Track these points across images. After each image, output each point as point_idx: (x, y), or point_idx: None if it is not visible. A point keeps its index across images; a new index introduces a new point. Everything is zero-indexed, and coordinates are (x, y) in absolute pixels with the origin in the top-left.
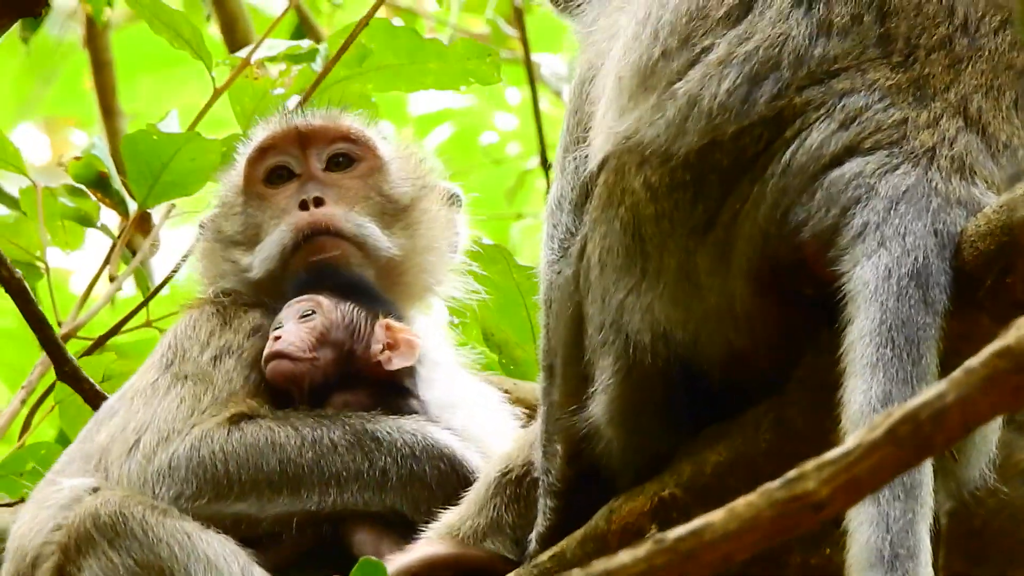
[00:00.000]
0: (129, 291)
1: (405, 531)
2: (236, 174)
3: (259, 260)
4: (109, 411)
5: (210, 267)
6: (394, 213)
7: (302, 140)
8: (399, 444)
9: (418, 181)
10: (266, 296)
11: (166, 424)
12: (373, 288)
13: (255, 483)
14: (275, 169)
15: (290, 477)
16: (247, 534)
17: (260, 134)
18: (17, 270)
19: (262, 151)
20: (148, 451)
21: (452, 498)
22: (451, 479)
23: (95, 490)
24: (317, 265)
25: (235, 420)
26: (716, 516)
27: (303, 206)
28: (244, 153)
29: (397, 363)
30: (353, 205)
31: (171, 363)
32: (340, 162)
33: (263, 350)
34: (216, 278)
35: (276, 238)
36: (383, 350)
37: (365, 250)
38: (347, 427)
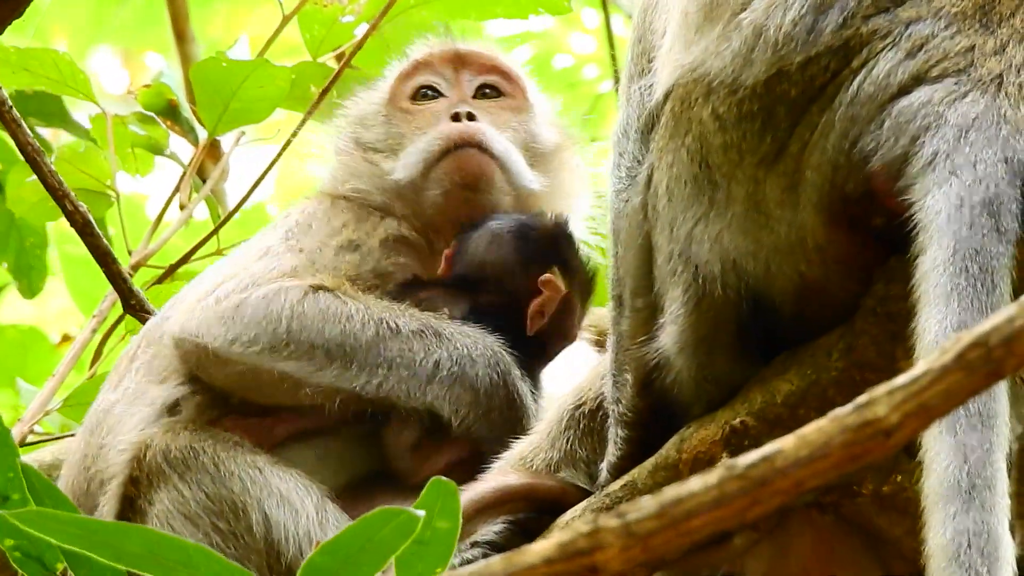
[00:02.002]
0: (200, 218)
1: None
2: (382, 87)
3: (403, 164)
4: (221, 264)
5: (346, 169)
6: (538, 154)
7: (457, 62)
8: (459, 343)
9: (563, 131)
10: (400, 205)
11: (251, 277)
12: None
13: (312, 347)
14: (424, 87)
15: (346, 350)
16: (287, 397)
17: (415, 51)
18: (82, 204)
19: (415, 67)
20: (222, 295)
21: (494, 412)
22: (499, 392)
23: (172, 409)
24: (460, 182)
25: (316, 288)
26: (787, 442)
27: (455, 118)
28: (396, 68)
29: (535, 325)
30: (502, 129)
31: (291, 236)
32: (488, 93)
33: (390, 261)
34: (351, 178)
35: (424, 144)
36: (539, 310)
37: (508, 174)
38: (416, 318)
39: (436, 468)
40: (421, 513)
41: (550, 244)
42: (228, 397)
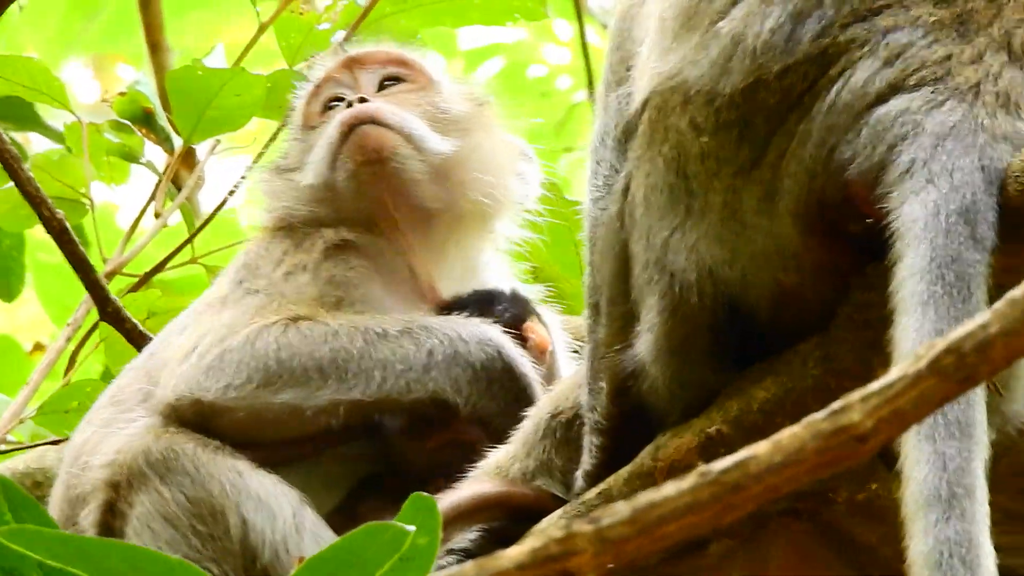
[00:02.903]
0: (175, 226)
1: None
2: (295, 117)
3: (311, 166)
4: (179, 326)
5: (271, 197)
6: (446, 121)
7: (352, 65)
8: (448, 329)
9: (473, 100)
10: (325, 210)
11: (226, 328)
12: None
13: (305, 370)
14: (330, 100)
15: (339, 364)
16: (291, 428)
17: (314, 72)
18: (59, 211)
19: (317, 88)
20: (203, 351)
21: (495, 385)
22: (496, 365)
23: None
24: (363, 159)
25: (294, 319)
26: (761, 448)
27: (348, 106)
28: (302, 93)
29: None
30: (405, 108)
31: (242, 280)
32: (389, 84)
33: (341, 272)
34: (276, 203)
35: (324, 140)
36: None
37: (412, 141)
38: (400, 320)
39: (449, 456)
40: (411, 528)
41: (515, 301)
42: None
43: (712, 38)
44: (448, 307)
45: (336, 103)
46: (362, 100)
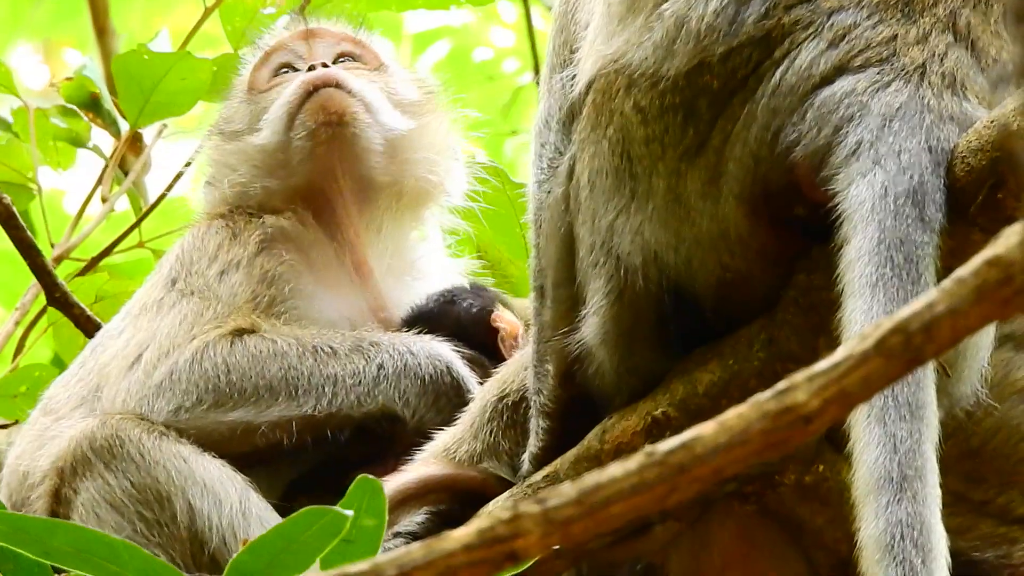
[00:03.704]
0: (122, 211)
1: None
2: (240, 82)
3: (266, 124)
4: (114, 329)
5: (216, 166)
6: (400, 104)
7: (308, 36)
8: (397, 344)
9: (422, 88)
10: (268, 179)
11: (168, 340)
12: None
13: (255, 389)
14: (281, 67)
15: (289, 382)
16: (243, 444)
17: (265, 39)
18: (5, 196)
19: (267, 54)
20: (149, 367)
21: (442, 399)
22: (444, 379)
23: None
24: (324, 120)
25: (238, 333)
26: (706, 428)
27: (311, 70)
28: (249, 60)
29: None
30: (359, 77)
31: (176, 279)
32: (344, 60)
33: (273, 266)
34: (221, 172)
35: (283, 99)
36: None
37: (372, 113)
38: (349, 336)
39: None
40: (349, 513)
41: (478, 293)
42: None
43: (656, 20)
44: (412, 315)
45: (286, 71)
46: (325, 66)
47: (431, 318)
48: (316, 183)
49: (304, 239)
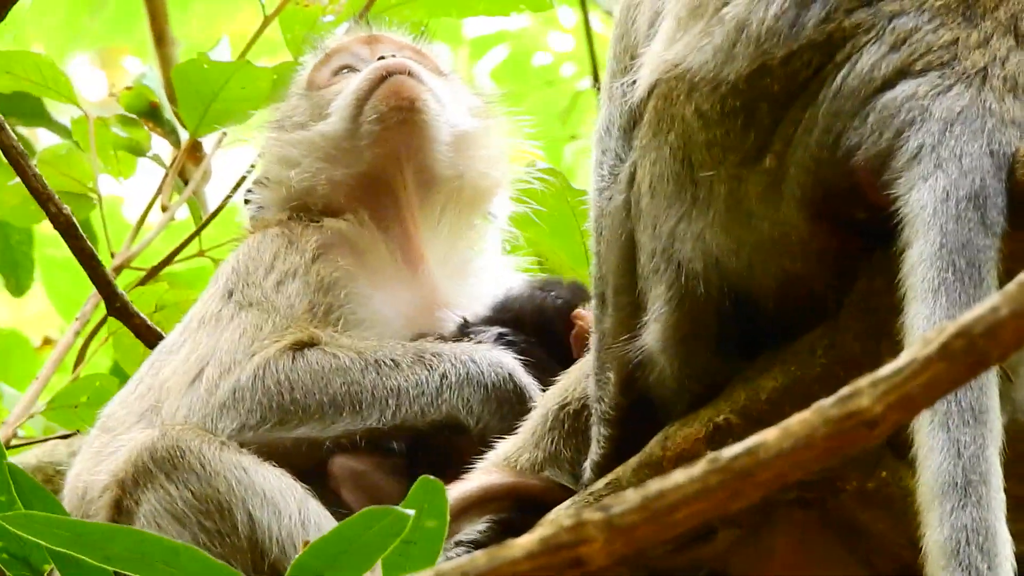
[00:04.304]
0: (182, 220)
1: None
2: (299, 80)
3: (335, 111)
4: (172, 344)
5: (279, 161)
6: (464, 107)
7: (372, 42)
8: (459, 353)
9: (482, 95)
10: (342, 164)
11: (228, 355)
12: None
13: (319, 405)
14: (342, 68)
15: (353, 397)
16: (307, 458)
17: (329, 42)
18: (65, 206)
19: (328, 55)
20: (210, 384)
21: (505, 406)
22: (507, 386)
23: None
24: (396, 104)
25: (298, 347)
26: (770, 434)
27: (380, 59)
28: (310, 60)
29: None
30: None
31: (233, 291)
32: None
33: (329, 273)
34: (281, 168)
35: (352, 87)
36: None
37: (441, 105)
38: (410, 348)
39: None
40: (410, 513)
41: (570, 288)
42: None
43: (716, 24)
44: (501, 297)
45: (347, 71)
46: (394, 56)
47: (517, 300)
48: (381, 171)
49: (361, 241)
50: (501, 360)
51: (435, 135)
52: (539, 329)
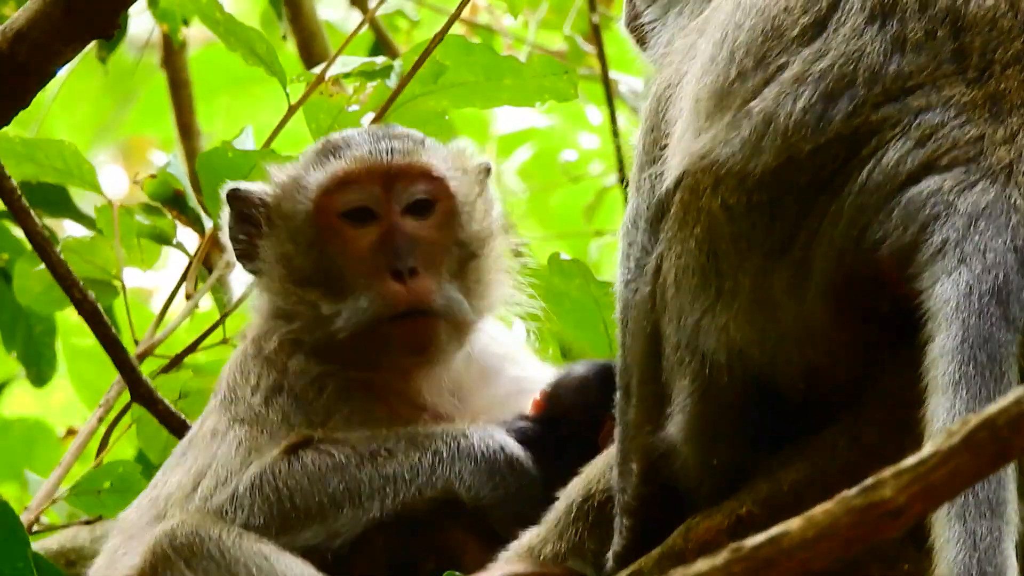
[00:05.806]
0: (206, 308)
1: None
2: (304, 194)
3: (346, 319)
4: (181, 452)
5: (278, 303)
6: (467, 261)
7: (387, 179)
8: (451, 431)
9: (486, 218)
10: (337, 349)
11: (224, 467)
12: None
13: (320, 507)
14: (355, 209)
15: (352, 492)
16: (316, 555)
17: (337, 161)
18: (90, 292)
19: (343, 183)
20: (206, 493)
21: (496, 476)
22: (498, 458)
23: None
24: (410, 350)
25: (292, 450)
26: (794, 524)
27: (396, 275)
28: (318, 179)
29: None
30: (439, 269)
31: (227, 406)
32: (418, 209)
33: (311, 383)
34: (286, 317)
35: (369, 306)
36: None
37: (453, 321)
38: (403, 432)
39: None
40: None
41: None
42: None
43: (744, 117)
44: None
45: (362, 212)
46: (412, 271)
47: (569, 382)
48: (385, 367)
49: (365, 388)
50: (492, 434)
51: (443, 349)
52: (577, 412)
